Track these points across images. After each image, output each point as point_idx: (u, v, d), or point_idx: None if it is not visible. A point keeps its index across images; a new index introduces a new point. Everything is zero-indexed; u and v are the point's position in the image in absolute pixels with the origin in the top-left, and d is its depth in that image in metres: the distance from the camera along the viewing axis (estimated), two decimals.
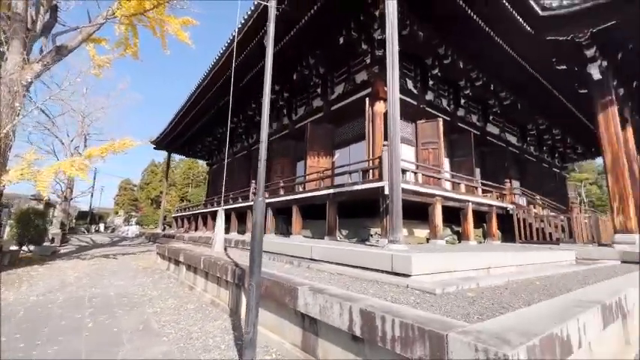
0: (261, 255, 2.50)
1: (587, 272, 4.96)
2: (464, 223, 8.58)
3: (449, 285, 2.82)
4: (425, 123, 10.83)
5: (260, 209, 2.59)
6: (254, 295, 2.37)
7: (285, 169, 13.89)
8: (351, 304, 2.08)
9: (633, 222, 8.12)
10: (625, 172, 8.35)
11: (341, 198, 8.03)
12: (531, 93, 13.00)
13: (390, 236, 5.23)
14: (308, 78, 12.36)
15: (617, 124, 8.66)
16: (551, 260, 6.58)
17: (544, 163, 18.06)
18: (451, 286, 2.79)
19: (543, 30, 8.83)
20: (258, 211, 2.58)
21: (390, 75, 5.86)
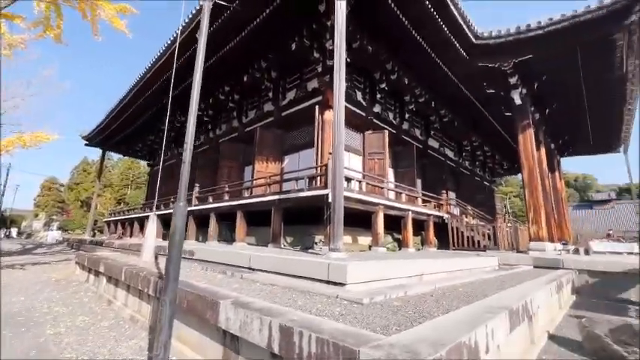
0: (178, 267, 2.27)
1: (505, 277, 5.45)
2: (404, 231, 8.98)
3: (378, 294, 2.85)
4: (372, 134, 11.23)
5: (180, 215, 2.36)
6: (167, 312, 2.13)
7: (233, 174, 13.35)
8: (272, 319, 1.96)
9: (544, 231, 9.24)
10: (538, 186, 9.50)
11: (286, 204, 7.90)
12: (467, 112, 14.29)
13: (331, 244, 5.23)
14: (259, 81, 12.12)
15: (533, 145, 9.85)
16: (478, 266, 7.13)
17: (476, 177, 19.86)
18: (380, 295, 2.83)
19: (476, 56, 9.76)
20: (178, 217, 2.35)
21: (337, 84, 5.93)
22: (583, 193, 57.59)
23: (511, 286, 4.11)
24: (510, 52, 9.17)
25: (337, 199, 5.34)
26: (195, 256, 6.51)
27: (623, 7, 7.20)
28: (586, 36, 7.98)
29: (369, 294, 2.85)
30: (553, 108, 12.06)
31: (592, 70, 9.48)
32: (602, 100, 11.26)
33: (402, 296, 2.94)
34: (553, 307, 4.76)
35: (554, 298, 4.85)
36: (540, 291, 3.66)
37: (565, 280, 5.84)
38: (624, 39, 7.98)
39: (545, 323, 4.12)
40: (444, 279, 4.80)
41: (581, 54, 8.68)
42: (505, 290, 3.52)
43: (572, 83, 10.29)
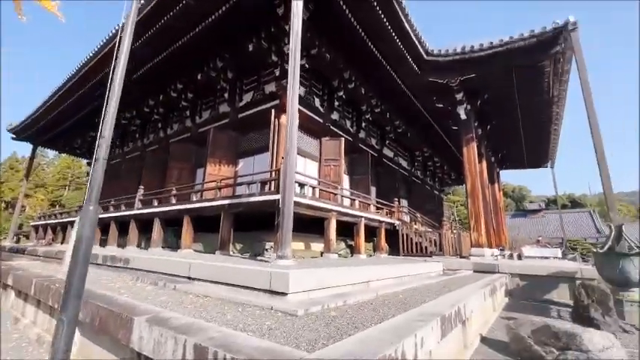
0: (83, 280, 1.96)
1: (447, 282, 5.69)
2: (356, 238, 9.08)
3: (316, 304, 2.76)
4: (329, 140, 11.30)
5: (88, 221, 2.06)
6: (63, 334, 1.82)
7: (183, 176, 12.61)
8: (187, 337, 1.76)
9: (484, 238, 9.92)
10: (480, 196, 10.22)
11: (237, 209, 7.58)
12: (419, 124, 15.05)
13: (279, 251, 5.06)
14: (215, 81, 11.64)
15: (476, 157, 10.60)
16: (424, 272, 7.41)
17: (427, 185, 20.96)
18: (317, 305, 2.74)
19: (427, 72, 10.32)
20: (86, 223, 2.04)
21: (291, 87, 5.84)
22: (519, 203, 63.67)
23: (450, 291, 4.27)
24: (457, 70, 9.83)
25: (287, 204, 5.20)
26: (130, 265, 5.93)
27: (551, 38, 8.08)
28: (519, 61, 8.82)
29: (307, 304, 2.75)
30: (493, 124, 13.14)
31: (525, 93, 10.50)
32: (534, 120, 12.53)
33: (340, 305, 2.88)
34: (487, 310, 5.05)
35: (489, 301, 5.15)
36: (474, 295, 3.83)
37: (498, 283, 6.25)
38: (551, 66, 8.95)
39: (480, 326, 4.32)
40: (389, 285, 4.86)
41: (515, 77, 9.57)
42: (443, 296, 3.63)
43: (509, 103, 11.31)
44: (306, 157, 10.80)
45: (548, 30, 8.03)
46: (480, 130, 12.79)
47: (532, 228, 44.10)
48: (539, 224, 45.41)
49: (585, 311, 4.19)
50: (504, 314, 5.62)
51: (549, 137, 14.06)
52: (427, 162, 20.79)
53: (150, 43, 9.54)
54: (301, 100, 10.54)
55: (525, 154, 16.47)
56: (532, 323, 3.31)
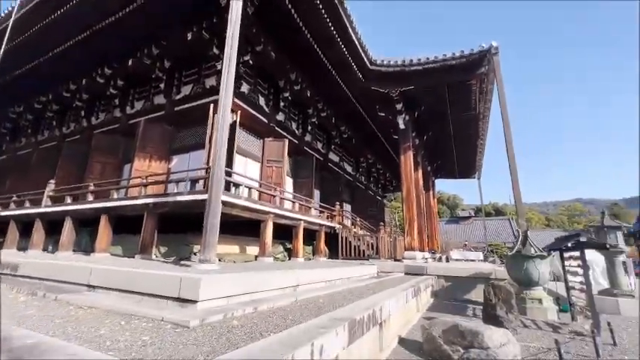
0: None
1: (375, 284, 5.78)
2: (295, 241, 8.93)
3: (220, 312, 2.51)
4: (272, 141, 11.04)
5: None
6: None
7: (107, 171, 11.28)
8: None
9: (416, 242, 10.47)
10: (414, 202, 10.79)
11: (163, 209, 6.92)
12: (364, 131, 15.52)
13: (202, 254, 4.68)
14: (150, 69, 10.67)
15: (412, 165, 11.21)
16: (358, 274, 7.51)
17: (370, 191, 21.73)
18: (220, 313, 2.49)
19: (370, 80, 10.67)
20: None
21: (225, 80, 5.51)
22: (453, 210, 69.57)
23: (374, 294, 4.31)
24: (397, 82, 10.33)
25: (213, 203, 4.85)
26: (18, 272, 5.00)
27: (477, 59, 8.89)
28: (452, 77, 9.56)
29: (210, 313, 2.49)
30: (430, 135, 14.09)
31: (456, 108, 11.42)
32: (463, 134, 13.72)
33: (249, 313, 2.66)
34: (410, 311, 5.22)
35: (412, 302, 5.34)
36: (395, 297, 3.90)
37: (424, 285, 6.56)
38: (477, 85, 9.86)
39: (400, 327, 4.42)
40: (317, 289, 4.77)
41: (448, 93, 10.35)
42: (364, 299, 3.62)
43: (443, 117, 12.21)
44: (247, 156, 10.39)
45: (475, 52, 8.82)
46: (418, 140, 13.60)
47: (462, 233, 48.46)
48: (468, 230, 50.01)
49: (493, 309, 4.55)
50: (427, 314, 5.89)
51: (476, 150, 15.52)
52: (371, 168, 21.58)
53: (67, 17, 8.39)
54: (245, 98, 10.18)
55: (456, 165, 17.97)
56: (444, 323, 3.44)
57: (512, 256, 6.75)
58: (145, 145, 9.84)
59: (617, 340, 4.58)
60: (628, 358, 3.79)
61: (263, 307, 2.91)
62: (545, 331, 4.98)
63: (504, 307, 4.51)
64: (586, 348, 3.99)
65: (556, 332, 4.98)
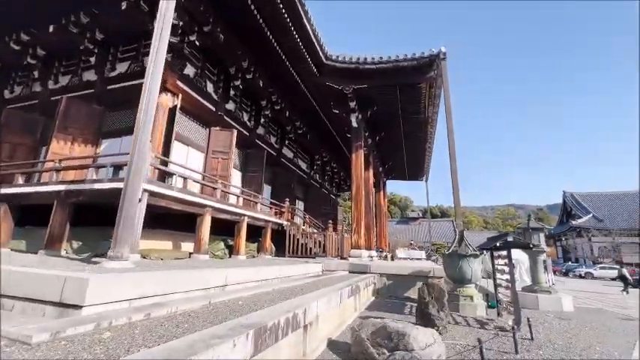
0: None
1: (314, 283, 5.55)
2: (237, 238, 8.42)
3: (93, 321, 2.03)
4: (220, 131, 10.33)
5: None
6: None
7: (20, 154, 9.72)
8: None
9: (363, 240, 10.51)
10: (362, 201, 10.83)
11: (77, 198, 6.01)
12: (319, 128, 15.33)
13: (112, 250, 4.05)
14: (78, 40, 9.36)
15: (362, 164, 11.24)
16: (301, 272, 7.25)
17: (324, 189, 21.70)
18: (92, 323, 2.01)
19: (325, 75, 10.47)
20: None
21: (154, 53, 4.87)
22: (403, 211, 72.96)
23: (305, 293, 4.05)
24: (351, 79, 10.25)
25: (129, 192, 4.23)
26: None
27: (427, 63, 9.11)
28: (403, 79, 9.71)
29: (83, 322, 2.00)
30: (382, 136, 14.34)
31: (407, 111, 11.70)
32: (413, 137, 14.17)
33: (137, 320, 2.20)
34: (347, 311, 5.07)
35: (349, 301, 5.19)
36: (326, 297, 3.67)
37: (364, 283, 6.49)
38: (427, 89, 10.14)
39: (334, 328, 4.22)
40: (249, 288, 4.39)
41: (400, 95, 10.53)
42: (289, 300, 3.34)
43: (395, 118, 12.45)
44: (189, 145, 9.59)
45: (425, 55, 9.04)
46: (370, 139, 13.77)
47: (411, 233, 50.93)
48: (417, 230, 52.69)
49: (426, 307, 4.55)
50: (365, 314, 5.80)
51: (424, 154, 16.18)
52: (326, 167, 21.56)
53: None
54: (189, 82, 9.38)
55: (406, 167, 18.60)
56: (373, 324, 3.29)
57: (448, 255, 6.97)
58: (66, 126, 8.59)
59: (535, 335, 4.85)
60: (542, 352, 3.97)
61: (160, 313, 2.47)
62: (473, 328, 5.14)
63: (436, 305, 4.54)
64: (507, 344, 4.13)
65: (483, 328, 5.17)
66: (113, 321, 2.08)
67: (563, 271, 29.53)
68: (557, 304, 7.46)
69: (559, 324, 5.83)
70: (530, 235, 8.09)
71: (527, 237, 8.15)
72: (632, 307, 9.10)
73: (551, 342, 4.47)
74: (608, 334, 5.26)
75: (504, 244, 5.30)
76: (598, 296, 11.70)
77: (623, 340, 4.91)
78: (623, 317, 7.11)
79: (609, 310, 8.17)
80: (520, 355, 3.73)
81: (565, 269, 29.79)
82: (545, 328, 5.49)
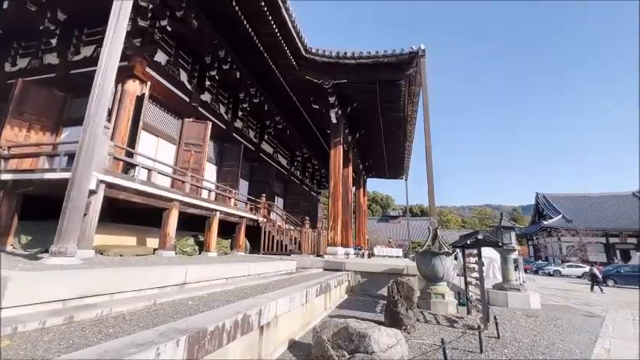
0: None
1: (283, 281, 5.35)
2: (208, 233, 8.09)
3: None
4: (193, 122, 9.91)
5: None
6: None
7: None
8: None
9: (339, 237, 10.38)
10: (340, 198, 10.70)
11: (27, 188, 5.53)
12: (299, 124, 15.09)
13: (56, 245, 3.69)
14: (37, 19, 8.68)
15: (341, 160, 11.10)
16: (273, 270, 7.02)
17: (305, 186, 21.48)
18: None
19: (305, 69, 10.23)
20: None
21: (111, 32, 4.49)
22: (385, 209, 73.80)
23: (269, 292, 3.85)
24: (331, 74, 10.07)
25: (77, 182, 3.87)
26: None
27: (407, 60, 9.05)
28: (383, 75, 9.62)
29: None
30: (362, 133, 14.26)
31: (387, 108, 11.65)
32: (393, 135, 14.17)
33: (52, 326, 1.89)
34: (315, 310, 4.91)
35: (317, 300, 5.03)
36: (288, 297, 3.48)
37: (336, 281, 6.35)
38: (406, 87, 10.11)
39: (299, 328, 4.04)
40: (207, 287, 4.13)
41: (379, 91, 10.44)
42: (241, 301, 3.10)
43: (375, 116, 12.38)
44: (159, 136, 9.14)
45: (405, 52, 8.97)
46: (350, 136, 13.67)
47: (392, 231, 51.58)
48: (397, 228, 53.41)
49: (394, 306, 4.45)
50: (336, 312, 5.66)
51: (404, 152, 16.25)
52: (307, 163, 21.35)
53: None
54: (161, 69, 8.91)
55: (386, 165, 18.66)
56: (336, 325, 3.12)
57: (421, 253, 6.94)
58: (21, 111, 7.96)
59: (502, 333, 4.85)
60: (507, 350, 3.95)
61: (88, 316, 2.20)
62: (442, 326, 5.10)
63: (405, 303, 4.45)
64: (473, 342, 4.08)
65: (452, 327, 5.14)
66: (20, 327, 1.80)
67: (534, 269, 30.72)
68: (526, 302, 7.60)
69: (526, 321, 5.91)
70: (501, 234, 8.21)
71: (499, 235, 8.27)
72: (595, 303, 9.46)
73: (516, 340, 4.47)
74: (572, 332, 5.35)
75: (474, 242, 5.28)
76: (565, 293, 12.14)
77: (586, 337, 5.01)
78: (587, 314, 7.33)
79: (574, 307, 8.44)
80: (485, 355, 3.68)
81: (536, 267, 30.99)
82: (513, 325, 5.53)
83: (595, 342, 4.71)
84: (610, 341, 4.86)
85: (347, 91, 10.80)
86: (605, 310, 7.92)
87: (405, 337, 4.17)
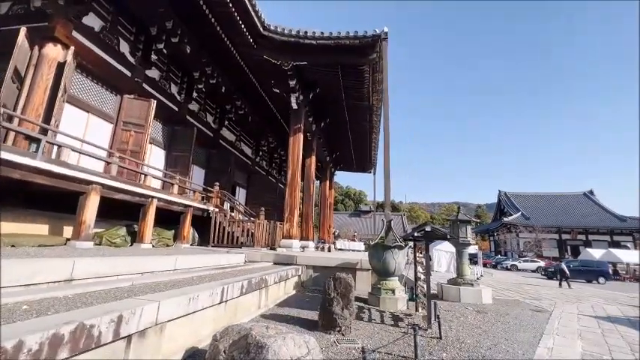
0: None
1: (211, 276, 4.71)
2: (142, 222, 7.22)
3: None
4: (135, 100, 8.88)
5: None
6: None
7: None
8: None
9: (295, 229, 9.82)
10: (298, 188, 10.11)
11: None
12: (263, 110, 14.28)
13: None
14: None
15: (300, 148, 10.50)
16: (212, 264, 6.32)
17: (271, 177, 20.70)
18: None
19: (263, 48, 9.45)
20: None
21: None
22: (357, 204, 74.39)
23: (173, 289, 3.20)
24: (291, 54, 9.37)
25: None
26: None
27: (371, 43, 8.54)
28: (345, 59, 9.08)
29: None
30: (327, 123, 13.71)
31: (351, 96, 11.16)
32: (359, 125, 13.75)
33: None
34: (243, 310, 4.31)
35: (248, 297, 4.44)
36: (184, 297, 2.85)
37: (277, 276, 5.80)
38: (370, 73, 9.63)
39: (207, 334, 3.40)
40: (99, 283, 3.40)
41: (342, 76, 9.89)
42: (103, 304, 2.43)
43: (340, 104, 11.85)
44: (90, 112, 8.06)
45: (368, 35, 8.46)
46: (315, 125, 13.07)
47: (362, 226, 52.01)
48: (367, 223, 53.89)
49: (329, 305, 3.96)
50: (273, 311, 5.10)
51: (371, 145, 15.93)
52: (274, 153, 20.57)
53: None
54: (94, 37, 7.81)
55: (354, 157, 18.29)
56: (238, 332, 2.54)
57: (373, 246, 6.54)
58: None
59: (447, 332, 4.52)
60: (446, 354, 3.57)
61: None
62: (385, 325, 4.69)
63: (341, 302, 3.96)
64: (412, 345, 3.66)
65: (396, 325, 4.75)
66: None
67: (493, 263, 32.00)
68: (478, 297, 7.46)
69: (474, 318, 5.66)
70: (458, 228, 8.02)
71: (455, 229, 8.07)
72: (544, 297, 9.62)
73: (459, 341, 4.13)
74: (518, 329, 5.15)
75: (424, 235, 4.90)
76: (517, 287, 12.39)
77: (530, 335, 4.80)
78: (535, 309, 7.30)
79: (525, 301, 8.46)
80: None
81: (495, 262, 32.30)
82: (460, 323, 5.25)
83: (539, 340, 4.49)
84: (554, 339, 4.67)
85: (308, 75, 10.17)
86: (553, 305, 7.98)
87: (337, 340, 3.68)
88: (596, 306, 8.43)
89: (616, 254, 25.09)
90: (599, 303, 9.15)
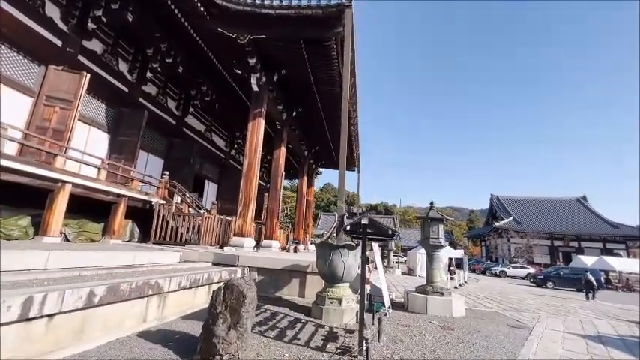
0: None
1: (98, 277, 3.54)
2: (48, 212, 6.02)
3: None
4: (63, 71, 7.71)
5: None
6: None
7: None
8: None
9: (249, 226, 8.65)
10: (254, 180, 8.94)
11: None
12: (230, 97, 13.08)
13: None
14: None
15: (260, 136, 9.35)
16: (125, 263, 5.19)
17: None
18: None
19: (216, 19, 8.30)
20: None
21: None
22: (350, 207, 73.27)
23: None
24: (248, 26, 8.25)
25: None
26: None
27: (335, 14, 7.44)
28: (308, 32, 7.97)
29: None
30: (300, 112, 12.60)
31: (321, 80, 10.03)
32: (335, 115, 12.60)
33: None
34: (113, 324, 3.15)
35: (119, 307, 3.29)
36: None
37: (187, 280, 4.63)
38: (338, 51, 8.53)
39: None
40: None
41: (307, 54, 8.78)
42: None
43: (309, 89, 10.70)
44: (3, 83, 6.85)
45: (332, 4, 7.37)
46: (286, 114, 11.96)
47: None
48: None
49: (213, 323, 2.82)
50: (166, 326, 3.95)
51: (351, 140, 14.78)
52: None
53: None
54: None
55: (334, 153, 17.13)
56: None
57: (319, 245, 5.42)
58: None
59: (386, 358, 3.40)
60: None
61: None
62: (307, 349, 3.56)
63: (230, 318, 2.83)
64: None
65: (322, 349, 3.61)
66: None
67: (482, 269, 31.01)
68: (448, 308, 6.35)
69: (433, 337, 4.55)
70: (429, 227, 6.92)
71: (425, 228, 6.97)
72: (527, 309, 8.54)
73: None
74: (484, 354, 4.04)
75: (358, 230, 3.78)
76: (500, 297, 11.32)
77: None
78: (514, 324, 6.21)
79: (504, 313, 7.38)
80: None
81: (484, 267, 31.32)
82: (412, 344, 4.13)
83: None
84: None
85: (270, 52, 9.06)
86: (536, 319, 6.89)
87: None
88: (585, 321, 7.36)
89: (608, 262, 24.19)
90: (588, 317, 8.09)
